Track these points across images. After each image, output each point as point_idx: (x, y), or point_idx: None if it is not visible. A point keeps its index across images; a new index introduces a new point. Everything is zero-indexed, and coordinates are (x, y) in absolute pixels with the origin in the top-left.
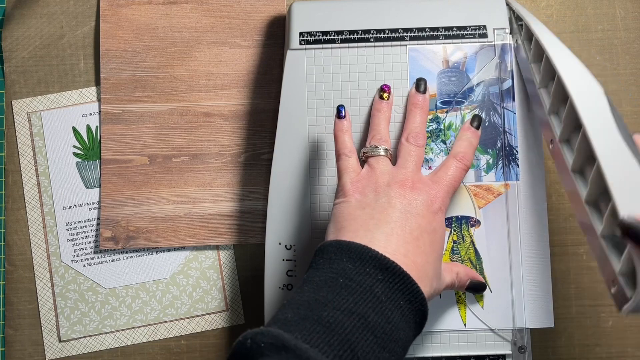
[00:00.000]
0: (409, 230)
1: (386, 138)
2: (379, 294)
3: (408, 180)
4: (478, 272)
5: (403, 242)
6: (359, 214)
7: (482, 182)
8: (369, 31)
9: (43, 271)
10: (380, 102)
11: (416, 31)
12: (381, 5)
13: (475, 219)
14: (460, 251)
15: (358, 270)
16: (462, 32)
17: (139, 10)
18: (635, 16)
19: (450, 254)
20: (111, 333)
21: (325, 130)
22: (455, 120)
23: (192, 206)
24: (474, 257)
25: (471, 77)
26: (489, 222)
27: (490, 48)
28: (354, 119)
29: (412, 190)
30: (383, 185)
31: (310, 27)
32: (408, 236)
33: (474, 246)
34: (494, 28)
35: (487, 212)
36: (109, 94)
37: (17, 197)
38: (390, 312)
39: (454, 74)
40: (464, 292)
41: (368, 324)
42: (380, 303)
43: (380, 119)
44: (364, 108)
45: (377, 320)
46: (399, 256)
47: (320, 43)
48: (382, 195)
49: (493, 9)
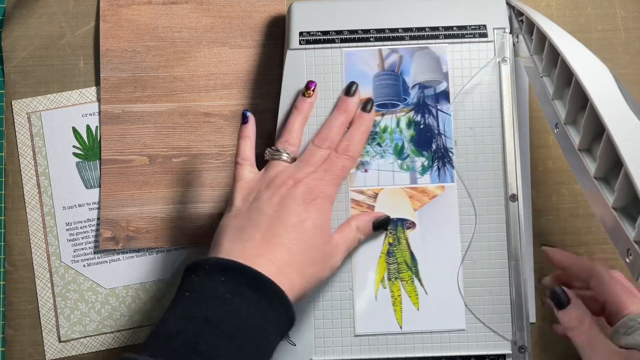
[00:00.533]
0: (271, 231)
1: (295, 141)
2: (221, 293)
3: (290, 179)
4: (413, 274)
5: (261, 243)
6: (231, 224)
7: (418, 185)
8: (369, 31)
9: (43, 271)
10: (303, 100)
11: (416, 31)
12: (381, 5)
13: (411, 221)
14: (396, 253)
15: (202, 280)
16: (462, 32)
17: (139, 10)
18: (635, 16)
19: (386, 257)
20: (111, 333)
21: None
22: (390, 124)
23: (192, 206)
24: (409, 260)
25: (466, 81)
26: (425, 224)
27: (426, 50)
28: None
29: (291, 189)
30: (264, 189)
31: (310, 27)
32: (269, 237)
33: (409, 248)
34: (494, 27)
35: (423, 214)
36: (109, 94)
37: (17, 197)
38: (236, 305)
39: (390, 77)
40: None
41: (211, 321)
42: (224, 301)
43: (295, 118)
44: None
45: (221, 316)
46: (253, 257)
47: (320, 43)
48: (258, 200)
49: (493, 9)
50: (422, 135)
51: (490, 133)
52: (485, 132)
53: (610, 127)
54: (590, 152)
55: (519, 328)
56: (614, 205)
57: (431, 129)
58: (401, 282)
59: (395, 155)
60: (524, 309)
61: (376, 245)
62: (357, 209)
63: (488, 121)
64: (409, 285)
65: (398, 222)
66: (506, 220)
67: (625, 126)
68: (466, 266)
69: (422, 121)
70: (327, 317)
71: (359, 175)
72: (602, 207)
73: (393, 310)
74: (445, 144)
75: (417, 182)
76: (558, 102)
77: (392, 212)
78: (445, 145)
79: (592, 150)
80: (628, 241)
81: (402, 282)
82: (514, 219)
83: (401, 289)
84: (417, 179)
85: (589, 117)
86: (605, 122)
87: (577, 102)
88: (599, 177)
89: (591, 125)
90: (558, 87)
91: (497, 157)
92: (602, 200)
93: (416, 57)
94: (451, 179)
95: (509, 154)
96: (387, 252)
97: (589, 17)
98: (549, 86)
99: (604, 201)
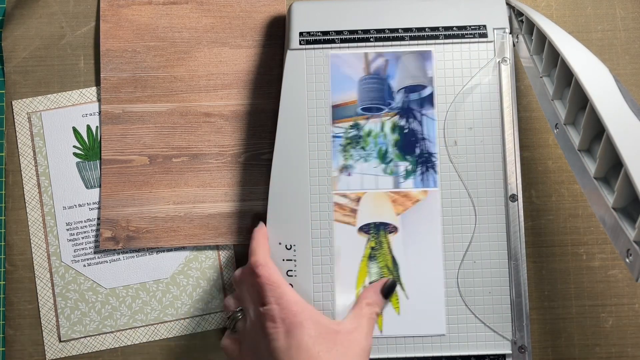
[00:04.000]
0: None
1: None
2: None
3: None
4: (396, 278)
5: None
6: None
7: (401, 189)
8: (369, 31)
9: (43, 271)
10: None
11: (416, 31)
12: (381, 5)
13: (393, 225)
14: (378, 258)
15: None
16: (462, 32)
17: (139, 11)
18: (635, 16)
19: (367, 261)
20: (111, 333)
21: (326, 130)
22: (375, 128)
23: (192, 206)
24: (391, 264)
25: (467, 82)
26: (407, 228)
27: (412, 55)
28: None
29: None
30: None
31: (310, 27)
32: None
33: (391, 253)
34: (494, 28)
35: (405, 218)
36: (109, 94)
37: (17, 197)
38: None
39: (375, 81)
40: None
41: None
42: None
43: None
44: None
45: None
46: None
47: (320, 43)
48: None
49: (493, 9)
50: (406, 139)
51: (490, 133)
52: (485, 132)
53: (610, 128)
54: (590, 153)
55: (519, 328)
56: (614, 206)
57: (415, 133)
58: None
59: (379, 159)
60: (524, 309)
61: (358, 249)
62: (339, 212)
63: (488, 121)
64: None
65: (380, 226)
66: (506, 220)
67: (625, 126)
68: (466, 266)
69: (407, 125)
70: None
71: (342, 179)
72: (602, 207)
73: None
74: (429, 149)
75: (400, 187)
76: (558, 102)
77: (375, 216)
78: (429, 150)
79: (592, 150)
80: (628, 241)
81: None
82: (514, 219)
83: None
84: (400, 183)
85: (589, 118)
86: (605, 122)
87: (577, 103)
88: (598, 177)
89: (591, 125)
90: (558, 87)
91: (497, 157)
92: (602, 200)
93: (402, 61)
94: (434, 183)
95: (508, 154)
96: (369, 256)
97: (589, 17)
98: (549, 86)
99: (604, 201)
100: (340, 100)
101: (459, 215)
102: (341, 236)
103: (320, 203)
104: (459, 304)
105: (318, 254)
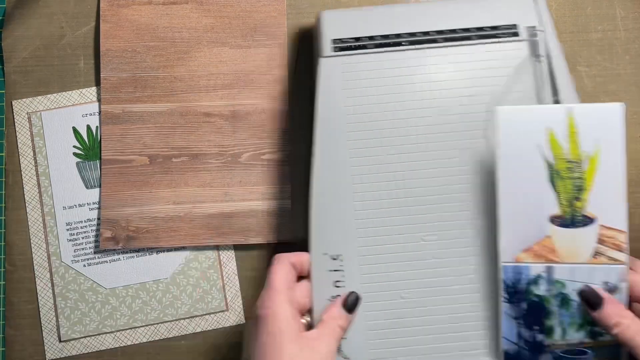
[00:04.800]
0: None
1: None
2: None
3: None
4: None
5: None
6: None
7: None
8: (401, 35)
9: (43, 271)
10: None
11: (448, 33)
12: (410, 9)
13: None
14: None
15: None
16: (494, 32)
17: (139, 11)
18: (635, 16)
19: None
20: (111, 333)
21: (368, 136)
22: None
23: (192, 206)
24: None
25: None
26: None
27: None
28: (398, 126)
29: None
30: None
31: (342, 34)
32: None
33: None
34: (525, 26)
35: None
36: (109, 94)
37: (17, 197)
38: None
39: None
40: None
41: None
42: None
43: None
44: (407, 112)
45: None
46: None
47: (352, 49)
48: None
49: (521, 7)
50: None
51: None
52: None
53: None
54: None
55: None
56: None
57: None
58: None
59: None
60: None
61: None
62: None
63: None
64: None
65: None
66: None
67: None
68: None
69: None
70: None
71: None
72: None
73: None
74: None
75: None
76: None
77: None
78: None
79: None
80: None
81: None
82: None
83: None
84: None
85: None
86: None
87: None
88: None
89: None
90: None
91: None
92: None
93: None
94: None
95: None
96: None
97: (589, 17)
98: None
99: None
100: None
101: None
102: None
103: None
104: None
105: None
